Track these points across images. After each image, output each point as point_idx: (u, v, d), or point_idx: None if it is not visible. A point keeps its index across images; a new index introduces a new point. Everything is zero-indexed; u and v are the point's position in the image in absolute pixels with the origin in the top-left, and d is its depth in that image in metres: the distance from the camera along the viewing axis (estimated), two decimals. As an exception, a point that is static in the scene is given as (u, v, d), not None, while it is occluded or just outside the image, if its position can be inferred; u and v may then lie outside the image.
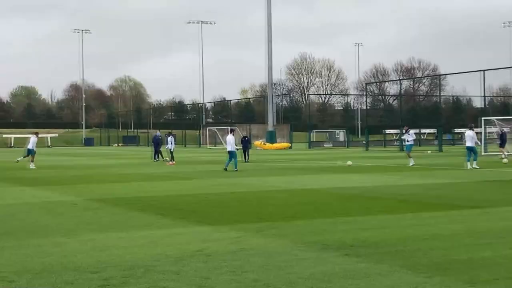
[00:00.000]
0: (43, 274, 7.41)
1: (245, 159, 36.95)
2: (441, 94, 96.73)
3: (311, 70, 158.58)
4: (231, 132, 30.40)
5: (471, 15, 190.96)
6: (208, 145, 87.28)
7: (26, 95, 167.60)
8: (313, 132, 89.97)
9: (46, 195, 17.40)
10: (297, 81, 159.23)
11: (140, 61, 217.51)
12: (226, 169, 27.65)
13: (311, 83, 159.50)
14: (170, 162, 35.61)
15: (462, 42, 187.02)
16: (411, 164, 30.35)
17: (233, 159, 28.15)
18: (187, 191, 18.48)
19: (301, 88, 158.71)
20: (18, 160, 33.86)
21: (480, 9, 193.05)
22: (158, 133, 44.13)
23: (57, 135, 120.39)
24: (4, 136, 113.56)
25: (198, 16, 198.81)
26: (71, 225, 11.57)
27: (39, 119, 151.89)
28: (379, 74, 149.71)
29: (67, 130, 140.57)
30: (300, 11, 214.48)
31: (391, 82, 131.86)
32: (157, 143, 40.87)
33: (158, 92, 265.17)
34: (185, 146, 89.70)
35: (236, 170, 27.43)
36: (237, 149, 29.72)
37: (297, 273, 7.30)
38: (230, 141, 28.84)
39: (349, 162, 31.80)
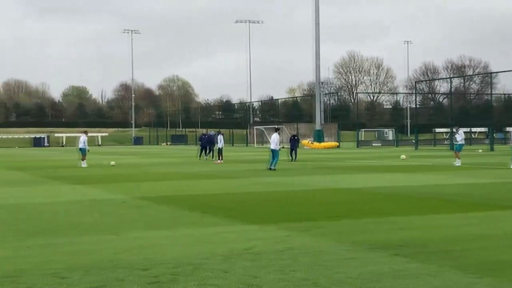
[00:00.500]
0: (93, 271, 7.53)
1: (292, 157, 36.88)
2: (493, 92, 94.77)
3: (359, 69, 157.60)
4: (276, 131, 30.38)
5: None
6: (255, 144, 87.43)
7: (78, 95, 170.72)
8: (362, 131, 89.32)
9: (95, 193, 17.69)
10: (345, 79, 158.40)
11: (188, 60, 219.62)
12: (270, 169, 27.61)
13: (360, 82, 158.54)
14: (219, 161, 35.81)
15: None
16: (457, 164, 29.88)
17: (275, 158, 28.11)
18: (233, 189, 18.55)
19: (349, 86, 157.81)
20: (84, 166, 32.19)
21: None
22: (212, 132, 44.32)
23: (107, 134, 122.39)
24: (56, 135, 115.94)
25: (245, 16, 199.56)
26: (120, 222, 11.74)
27: (90, 119, 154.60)
28: (429, 72, 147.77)
29: (117, 129, 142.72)
30: (347, 9, 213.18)
31: (441, 80, 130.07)
32: (211, 142, 41.01)
33: (206, 92, 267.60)
34: (233, 145, 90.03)
35: (274, 169, 27.38)
36: (281, 148, 29.60)
37: (345, 273, 7.26)
38: (274, 140, 28.81)
39: (403, 156, 32.40)
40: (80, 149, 32.68)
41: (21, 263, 7.96)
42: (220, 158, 36.56)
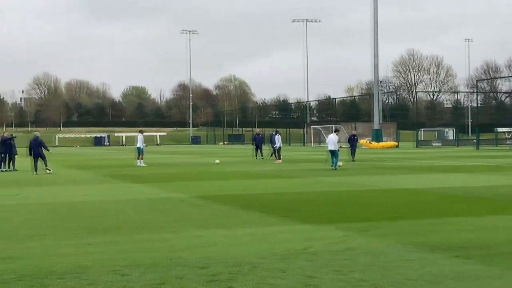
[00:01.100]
0: (153, 268, 7.63)
1: (352, 157, 36.56)
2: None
3: (419, 67, 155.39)
4: (334, 132, 30.17)
5: None
6: (312, 143, 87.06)
7: (137, 95, 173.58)
8: (421, 130, 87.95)
9: (153, 192, 17.91)
10: (404, 78, 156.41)
11: (245, 60, 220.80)
12: (335, 168, 27.47)
13: (419, 81, 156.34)
14: (278, 160, 35.81)
15: None
16: None
17: (335, 158, 27.96)
18: (290, 189, 18.51)
19: (408, 85, 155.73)
20: (141, 165, 32.57)
21: None
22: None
23: (165, 133, 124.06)
24: (116, 134, 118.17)
25: (302, 15, 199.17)
26: (178, 221, 11.84)
27: (148, 118, 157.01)
28: (490, 71, 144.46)
29: (175, 128, 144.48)
30: (406, 8, 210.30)
31: (504, 79, 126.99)
32: (260, 141, 41.39)
33: (263, 91, 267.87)
34: (289, 145, 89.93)
35: (335, 169, 27.23)
36: (339, 148, 29.37)
37: (404, 274, 7.15)
38: (332, 140, 28.60)
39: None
40: (138, 148, 33.35)
41: (83, 260, 8.13)
42: (278, 157, 36.58)
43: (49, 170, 27.30)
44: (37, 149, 27.84)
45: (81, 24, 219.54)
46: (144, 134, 37.03)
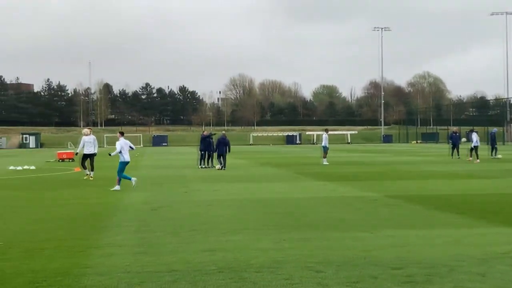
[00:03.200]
0: (346, 266, 7.69)
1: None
2: None
3: None
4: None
5: None
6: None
7: (328, 93, 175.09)
8: None
9: (345, 190, 17.96)
10: None
11: (440, 56, 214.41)
12: None
13: None
14: (477, 160, 34.28)
15: None
16: None
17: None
18: (488, 190, 17.70)
19: None
20: (325, 164, 32.85)
21: None
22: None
23: (356, 132, 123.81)
24: (308, 133, 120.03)
25: (502, 8, 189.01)
26: (370, 220, 11.80)
27: (339, 117, 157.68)
28: None
29: (366, 127, 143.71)
30: None
31: None
32: (457, 140, 39.97)
33: (459, 88, 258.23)
34: (488, 144, 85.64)
35: None
36: None
37: None
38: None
39: None
40: (323, 147, 33.66)
41: (279, 255, 8.39)
42: (471, 156, 35.05)
43: (219, 168, 29.19)
44: (223, 148, 29.37)
45: (275, 27, 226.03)
46: (336, 132, 37.25)
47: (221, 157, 29.53)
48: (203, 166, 30.74)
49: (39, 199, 16.32)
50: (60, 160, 41.12)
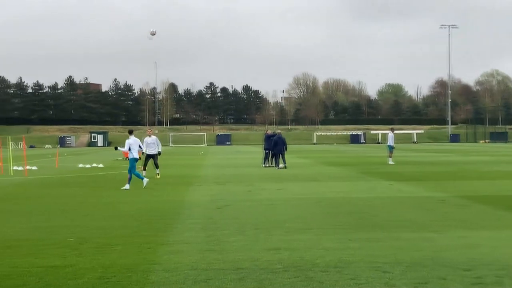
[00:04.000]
0: (414, 267, 7.58)
1: None
2: None
3: None
4: None
5: None
6: None
7: (393, 92, 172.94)
8: None
9: (412, 190, 17.68)
10: None
11: (509, 54, 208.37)
12: None
13: None
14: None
15: None
16: None
17: None
18: None
19: None
20: (391, 163, 32.34)
21: None
22: None
23: (422, 131, 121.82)
24: (372, 132, 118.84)
25: None
26: (439, 221, 11.58)
27: (404, 116, 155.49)
28: None
29: (432, 126, 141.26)
30: None
31: None
32: None
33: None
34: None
35: None
36: None
37: None
38: None
39: None
40: (389, 146, 33.19)
41: (345, 255, 8.33)
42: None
43: (282, 167, 28.95)
44: (279, 146, 29.37)
45: (340, 25, 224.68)
46: (401, 132, 36.76)
47: (280, 155, 29.57)
48: (267, 165, 30.82)
49: (107, 197, 16.69)
50: (127, 159, 41.92)
